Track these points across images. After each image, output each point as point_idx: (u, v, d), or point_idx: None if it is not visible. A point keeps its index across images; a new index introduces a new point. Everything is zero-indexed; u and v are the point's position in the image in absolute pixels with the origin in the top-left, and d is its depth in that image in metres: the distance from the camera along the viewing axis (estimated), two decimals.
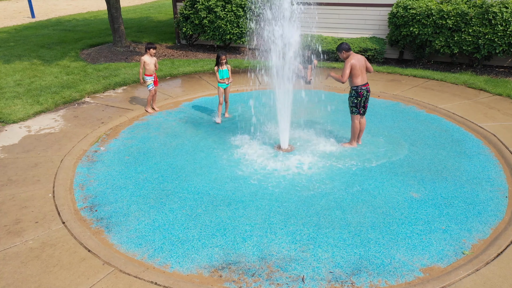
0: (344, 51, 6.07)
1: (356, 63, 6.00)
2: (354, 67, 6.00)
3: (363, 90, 6.13)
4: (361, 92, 6.13)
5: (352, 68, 5.99)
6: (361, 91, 6.12)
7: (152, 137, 7.00)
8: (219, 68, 7.28)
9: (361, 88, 6.12)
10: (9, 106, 7.98)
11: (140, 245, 4.42)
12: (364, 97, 6.19)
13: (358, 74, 6.06)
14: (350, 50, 6.10)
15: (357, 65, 6.01)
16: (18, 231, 4.55)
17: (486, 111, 7.67)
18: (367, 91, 6.17)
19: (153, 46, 7.59)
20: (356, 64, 6.00)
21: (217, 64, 7.27)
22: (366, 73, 6.20)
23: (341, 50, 6.09)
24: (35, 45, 13.36)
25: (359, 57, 6.11)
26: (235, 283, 3.90)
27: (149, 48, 7.58)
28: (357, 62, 6.02)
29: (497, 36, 9.20)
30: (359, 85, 6.11)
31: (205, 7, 11.77)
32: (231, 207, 5.04)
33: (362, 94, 6.15)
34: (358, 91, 6.13)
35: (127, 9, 21.95)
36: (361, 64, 6.07)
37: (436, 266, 4.09)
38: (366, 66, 6.16)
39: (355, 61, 6.01)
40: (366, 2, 11.11)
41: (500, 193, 5.29)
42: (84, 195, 5.35)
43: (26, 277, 3.91)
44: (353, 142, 6.56)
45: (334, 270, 4.04)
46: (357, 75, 6.06)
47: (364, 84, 6.14)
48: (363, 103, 6.25)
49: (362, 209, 4.96)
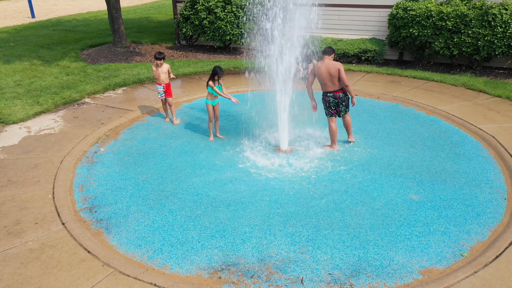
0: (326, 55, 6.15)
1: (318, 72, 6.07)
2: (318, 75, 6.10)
3: (329, 97, 6.22)
4: (327, 99, 6.26)
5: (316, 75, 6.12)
6: (326, 97, 6.25)
7: (152, 138, 7.01)
8: (214, 83, 6.55)
9: (327, 95, 6.22)
10: (9, 106, 7.99)
11: (139, 246, 4.43)
12: (332, 103, 6.24)
13: (323, 82, 6.14)
14: (324, 54, 6.14)
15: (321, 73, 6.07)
16: (18, 232, 4.56)
17: (485, 113, 7.68)
18: (334, 97, 6.20)
19: (157, 56, 7.23)
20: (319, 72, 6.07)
21: (212, 79, 6.52)
22: (336, 81, 6.10)
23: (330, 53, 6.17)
24: (35, 45, 13.37)
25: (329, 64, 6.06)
26: (234, 284, 3.91)
27: (154, 58, 7.43)
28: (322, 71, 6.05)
29: (497, 37, 9.21)
30: (325, 92, 6.21)
31: (205, 8, 11.78)
32: (231, 208, 5.05)
33: (328, 100, 6.25)
34: (324, 97, 6.28)
35: (127, 10, 21.96)
36: (326, 73, 6.05)
37: (435, 268, 4.10)
38: (333, 75, 6.05)
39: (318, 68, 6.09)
40: (366, 3, 11.13)
41: (499, 195, 5.30)
42: (83, 196, 5.36)
43: (26, 278, 3.92)
44: (333, 145, 6.53)
45: (333, 272, 4.05)
46: (322, 83, 6.16)
47: (330, 91, 6.18)
48: (333, 107, 6.29)
49: (361, 211, 4.97)
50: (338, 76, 6.02)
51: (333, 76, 6.03)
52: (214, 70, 6.48)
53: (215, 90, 6.54)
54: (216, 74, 6.47)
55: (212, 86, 6.53)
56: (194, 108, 8.37)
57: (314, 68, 6.21)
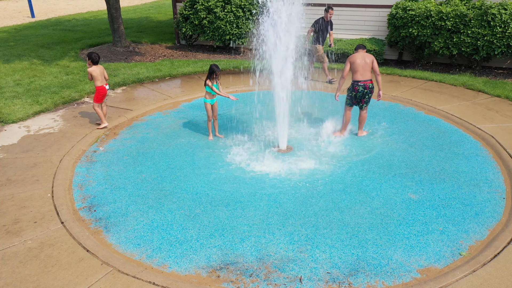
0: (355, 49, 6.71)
1: (355, 60, 6.48)
2: (353, 63, 6.49)
3: (359, 86, 6.49)
4: (356, 87, 6.53)
5: (351, 64, 6.51)
6: (356, 86, 6.52)
7: (151, 137, 7.01)
8: (212, 82, 6.49)
9: (358, 84, 6.50)
10: (8, 106, 8.00)
11: (138, 245, 4.43)
12: (360, 92, 6.52)
13: (356, 70, 6.48)
14: (358, 49, 6.62)
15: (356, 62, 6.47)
16: (17, 231, 4.57)
17: (484, 113, 7.69)
18: (364, 87, 6.48)
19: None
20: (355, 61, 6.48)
21: (210, 78, 6.48)
22: (369, 71, 6.53)
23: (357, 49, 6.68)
24: (34, 45, 13.37)
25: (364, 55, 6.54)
26: (233, 283, 3.91)
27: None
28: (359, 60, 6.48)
29: (496, 37, 9.22)
30: (355, 81, 6.53)
31: (204, 8, 11.78)
32: (230, 207, 5.05)
33: (358, 89, 6.52)
34: (354, 85, 6.56)
35: (127, 9, 21.96)
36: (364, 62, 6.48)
37: (433, 267, 4.11)
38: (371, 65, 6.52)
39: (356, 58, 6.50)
40: (366, 3, 11.13)
41: (498, 195, 5.31)
42: (83, 195, 5.36)
43: (25, 276, 3.93)
44: (342, 131, 6.94)
45: (332, 271, 4.05)
46: (355, 71, 6.50)
47: (361, 80, 6.48)
48: (359, 98, 6.59)
49: (360, 210, 4.98)
50: (371, 67, 6.49)
51: (368, 64, 6.47)
52: (211, 69, 6.46)
53: (213, 89, 6.52)
54: (213, 72, 6.46)
55: (210, 85, 6.50)
56: (194, 108, 8.37)
57: (350, 58, 6.56)
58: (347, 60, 6.54)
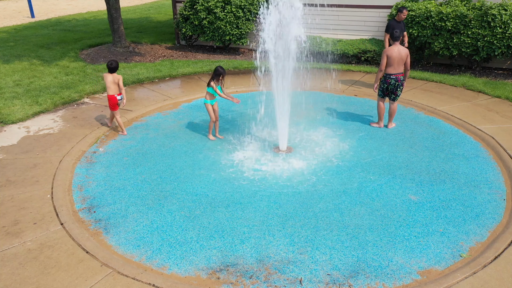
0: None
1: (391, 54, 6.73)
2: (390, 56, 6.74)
3: (391, 79, 6.83)
4: (388, 80, 6.87)
5: (388, 58, 6.76)
6: (389, 79, 6.86)
7: (151, 138, 7.00)
8: (216, 84, 6.44)
9: (390, 77, 6.84)
10: (8, 106, 7.99)
11: (138, 247, 4.42)
12: (392, 85, 6.86)
13: (391, 64, 6.77)
14: (395, 40, 6.79)
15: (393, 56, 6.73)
16: (16, 232, 4.56)
17: (484, 113, 7.68)
18: (396, 80, 6.82)
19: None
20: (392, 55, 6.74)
21: (215, 80, 6.40)
22: (402, 66, 6.83)
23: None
24: (34, 45, 13.36)
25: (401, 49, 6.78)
26: (233, 285, 3.90)
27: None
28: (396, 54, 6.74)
29: (496, 38, 9.21)
30: (388, 74, 6.85)
31: (204, 8, 11.78)
32: (229, 208, 5.04)
33: (390, 82, 6.86)
34: (386, 78, 6.89)
35: (126, 10, 21.95)
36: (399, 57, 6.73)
37: (434, 268, 4.10)
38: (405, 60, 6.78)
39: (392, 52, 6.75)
40: (366, 4, 11.12)
41: (498, 196, 5.30)
42: (82, 196, 5.35)
43: (24, 278, 3.92)
44: (379, 122, 7.29)
45: (332, 273, 4.04)
46: (390, 64, 6.78)
47: (393, 73, 6.81)
48: (391, 90, 6.93)
49: (360, 212, 4.97)
50: (404, 61, 6.78)
51: (403, 59, 6.75)
52: (217, 71, 6.37)
53: (217, 91, 6.46)
54: (220, 74, 6.37)
55: (214, 87, 6.43)
56: (194, 108, 8.36)
57: (387, 51, 6.75)
58: (384, 53, 6.74)
